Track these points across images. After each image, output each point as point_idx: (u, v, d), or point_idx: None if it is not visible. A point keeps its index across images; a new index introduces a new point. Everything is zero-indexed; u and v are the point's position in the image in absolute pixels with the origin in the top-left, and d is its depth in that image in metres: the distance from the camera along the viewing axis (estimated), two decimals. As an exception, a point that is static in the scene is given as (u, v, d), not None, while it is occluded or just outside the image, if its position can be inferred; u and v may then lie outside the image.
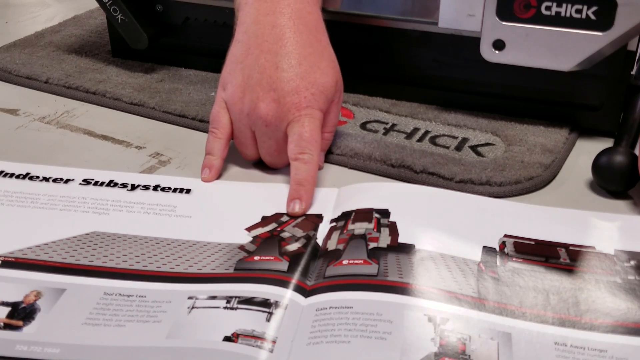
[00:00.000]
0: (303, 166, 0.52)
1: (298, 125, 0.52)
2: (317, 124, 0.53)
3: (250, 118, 0.53)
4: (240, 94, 0.53)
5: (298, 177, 0.52)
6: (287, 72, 0.52)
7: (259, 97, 0.52)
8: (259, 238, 0.47)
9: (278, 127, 0.53)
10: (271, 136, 0.53)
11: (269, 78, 0.52)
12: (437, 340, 0.38)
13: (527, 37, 0.57)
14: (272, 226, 0.49)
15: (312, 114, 0.52)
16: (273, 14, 0.54)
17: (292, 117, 0.52)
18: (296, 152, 0.52)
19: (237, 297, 0.41)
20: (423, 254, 0.45)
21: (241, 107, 0.53)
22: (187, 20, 0.71)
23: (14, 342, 0.38)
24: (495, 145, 0.59)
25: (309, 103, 0.52)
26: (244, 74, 0.53)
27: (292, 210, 0.51)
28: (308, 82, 0.52)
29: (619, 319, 0.40)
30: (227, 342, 0.38)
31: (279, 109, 0.52)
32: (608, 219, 0.50)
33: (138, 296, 0.42)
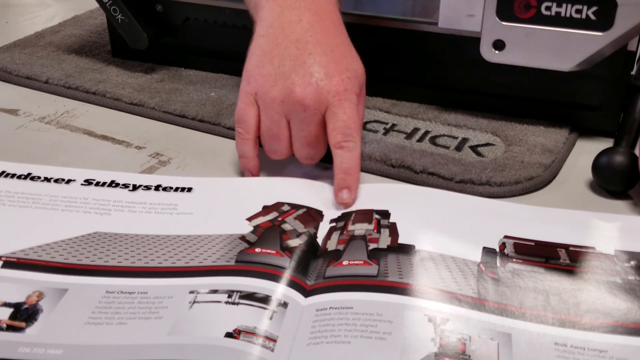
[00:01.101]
0: (348, 154, 0.51)
1: (340, 111, 0.51)
2: (355, 109, 0.52)
3: (286, 105, 0.52)
4: (272, 83, 0.52)
5: (344, 166, 0.51)
6: (321, 57, 0.52)
7: (295, 83, 0.51)
8: (260, 228, 0.47)
9: (317, 110, 0.51)
10: (310, 122, 0.52)
11: (303, 64, 0.51)
12: (437, 341, 0.38)
13: (527, 37, 0.57)
14: (273, 215, 0.49)
15: (351, 99, 0.52)
16: (298, 9, 0.53)
17: (332, 101, 0.51)
18: (340, 140, 0.51)
19: (238, 292, 0.41)
20: (423, 254, 0.45)
21: (274, 95, 0.52)
22: (187, 20, 0.72)
23: (17, 344, 0.38)
24: (495, 146, 0.59)
25: (347, 87, 0.51)
26: (274, 64, 0.52)
27: (341, 199, 0.51)
28: (342, 67, 0.52)
29: (619, 319, 0.40)
30: (228, 339, 0.38)
31: (317, 92, 0.51)
32: (608, 219, 0.50)
33: (140, 292, 0.42)
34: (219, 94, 0.68)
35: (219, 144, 0.61)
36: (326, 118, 0.51)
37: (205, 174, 0.56)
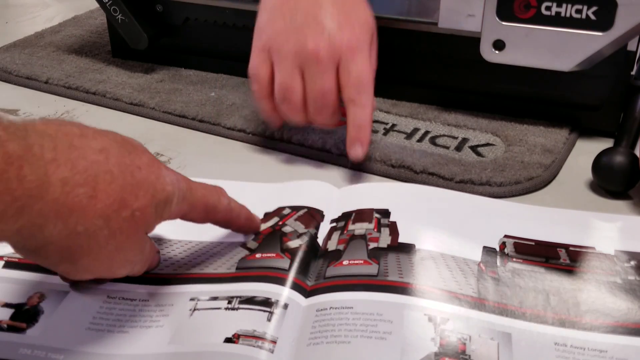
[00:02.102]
0: (360, 109, 0.51)
1: (353, 66, 0.51)
2: (368, 61, 0.52)
3: (299, 57, 0.52)
4: (285, 36, 0.52)
5: (357, 121, 0.52)
6: (332, 10, 0.52)
7: (307, 35, 0.51)
8: (261, 235, 0.47)
9: (330, 63, 0.51)
10: (323, 74, 0.52)
11: (315, 17, 0.52)
12: (438, 340, 0.38)
13: (527, 37, 0.57)
14: (274, 221, 0.49)
15: (363, 50, 0.52)
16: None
17: (345, 55, 0.51)
18: (353, 95, 0.51)
19: (238, 297, 0.41)
20: (423, 253, 0.45)
21: (288, 48, 0.52)
22: (187, 20, 0.72)
23: (18, 345, 0.38)
24: (495, 146, 0.59)
25: (359, 37, 0.52)
26: (285, 18, 0.52)
27: (355, 153, 0.52)
28: (353, 18, 0.52)
29: (619, 320, 0.40)
30: (227, 344, 0.38)
31: (330, 45, 0.51)
32: (608, 219, 0.50)
33: (141, 300, 0.42)
34: (219, 94, 0.68)
35: (219, 144, 0.61)
36: (339, 73, 0.52)
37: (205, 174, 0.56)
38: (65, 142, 0.35)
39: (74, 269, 0.37)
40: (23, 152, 0.32)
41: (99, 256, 0.36)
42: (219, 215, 0.44)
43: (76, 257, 0.36)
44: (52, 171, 0.33)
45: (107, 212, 0.35)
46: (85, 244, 0.35)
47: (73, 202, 0.34)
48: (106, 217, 0.35)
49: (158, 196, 0.38)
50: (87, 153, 0.35)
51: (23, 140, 0.32)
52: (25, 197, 0.32)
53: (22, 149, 0.32)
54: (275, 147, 0.60)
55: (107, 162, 0.36)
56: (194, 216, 0.43)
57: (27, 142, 0.32)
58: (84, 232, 0.35)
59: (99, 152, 0.36)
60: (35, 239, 0.34)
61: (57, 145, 0.34)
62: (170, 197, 0.39)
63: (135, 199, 0.36)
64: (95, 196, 0.35)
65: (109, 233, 0.36)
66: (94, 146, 0.36)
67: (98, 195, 0.35)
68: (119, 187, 0.36)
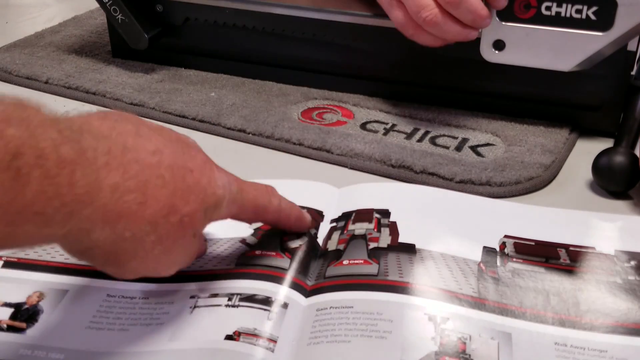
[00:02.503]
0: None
1: None
2: None
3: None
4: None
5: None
6: None
7: None
8: (260, 230, 0.47)
9: None
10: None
11: None
12: (438, 340, 0.38)
13: (527, 37, 0.57)
14: None
15: None
16: None
17: None
18: None
19: (238, 295, 0.41)
20: (423, 253, 0.45)
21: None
22: (187, 20, 0.72)
23: (17, 345, 0.38)
24: (495, 146, 0.59)
25: None
26: None
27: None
28: None
29: (619, 320, 0.40)
30: (228, 341, 0.38)
31: None
32: (608, 219, 0.50)
33: (141, 298, 0.42)
34: (219, 94, 0.68)
35: (219, 144, 0.61)
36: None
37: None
38: (120, 143, 0.34)
39: (120, 272, 0.37)
40: (76, 156, 0.31)
41: (145, 260, 0.36)
42: (268, 216, 0.44)
43: (122, 261, 0.36)
44: (104, 176, 0.32)
45: (155, 218, 0.35)
46: (132, 249, 0.35)
47: (122, 208, 0.33)
48: (154, 223, 0.35)
49: (208, 200, 0.38)
50: (141, 155, 0.35)
51: (77, 144, 0.32)
52: (75, 203, 0.31)
53: (75, 152, 0.31)
54: (275, 147, 0.60)
55: (159, 166, 0.35)
56: (243, 217, 0.43)
57: (81, 145, 0.32)
58: (131, 237, 0.34)
59: (152, 154, 0.35)
60: (82, 243, 0.34)
61: (110, 147, 0.33)
62: (220, 200, 0.39)
63: (185, 204, 0.36)
64: (144, 202, 0.34)
65: (156, 238, 0.35)
66: (148, 147, 0.36)
67: (148, 201, 0.34)
68: (170, 192, 0.35)
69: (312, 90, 0.69)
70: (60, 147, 0.30)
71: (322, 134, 0.60)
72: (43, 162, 0.30)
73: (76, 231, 0.32)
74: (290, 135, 0.60)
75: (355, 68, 0.68)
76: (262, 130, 0.61)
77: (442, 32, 0.56)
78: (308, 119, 0.64)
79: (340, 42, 0.66)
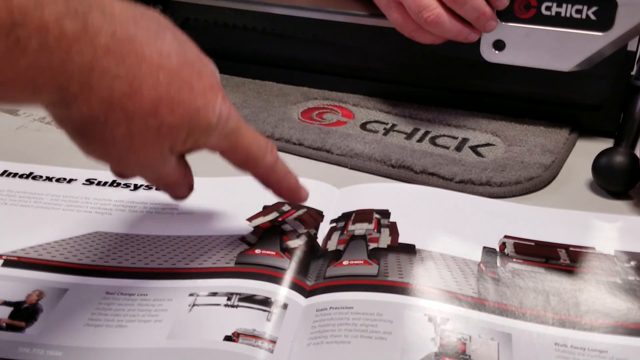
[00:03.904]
0: None
1: None
2: None
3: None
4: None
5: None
6: None
7: None
8: (259, 228, 0.47)
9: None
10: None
11: None
12: (438, 340, 0.38)
13: (527, 37, 0.57)
14: (273, 215, 0.49)
15: None
16: None
17: None
18: None
19: (237, 294, 0.41)
20: (423, 254, 0.45)
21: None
22: (187, 20, 0.71)
23: (17, 344, 0.38)
24: (495, 146, 0.59)
25: None
26: None
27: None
28: None
29: (619, 320, 0.40)
30: (227, 342, 0.38)
31: None
32: (608, 220, 0.50)
33: (139, 295, 0.42)
34: (219, 94, 0.68)
35: (219, 143, 0.61)
36: None
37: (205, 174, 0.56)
38: (129, 32, 0.34)
39: (85, 148, 0.37)
40: (78, 31, 0.31)
41: (109, 147, 0.36)
42: (257, 170, 0.44)
43: (89, 138, 0.36)
44: (99, 57, 0.32)
45: (132, 114, 0.34)
46: (100, 132, 0.35)
47: (105, 94, 0.33)
48: (130, 118, 0.34)
49: (196, 121, 0.37)
50: (146, 51, 0.34)
51: (82, 19, 0.31)
52: (65, 78, 0.31)
53: (77, 28, 0.31)
54: (275, 147, 0.60)
55: (160, 68, 0.35)
56: (232, 158, 0.42)
57: (86, 21, 0.31)
58: (104, 121, 0.34)
59: (159, 55, 0.35)
60: (60, 112, 0.34)
61: (116, 31, 0.33)
62: (210, 127, 0.38)
63: (169, 114, 0.35)
64: (130, 95, 0.34)
65: (127, 132, 0.35)
66: (159, 48, 0.35)
67: (132, 95, 0.34)
68: (158, 95, 0.35)
69: (312, 90, 0.69)
70: (63, 20, 0.30)
71: (322, 134, 0.60)
72: (43, 34, 0.30)
73: (60, 101, 0.33)
74: (290, 135, 0.60)
75: (355, 68, 0.68)
76: (262, 130, 0.61)
77: (443, 31, 0.56)
78: (308, 119, 0.64)
79: (340, 42, 0.66)
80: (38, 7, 0.30)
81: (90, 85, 0.32)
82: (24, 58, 0.30)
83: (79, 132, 0.36)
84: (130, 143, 0.36)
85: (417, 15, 0.55)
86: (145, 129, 0.35)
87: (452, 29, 0.56)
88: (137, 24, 0.35)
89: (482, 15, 0.55)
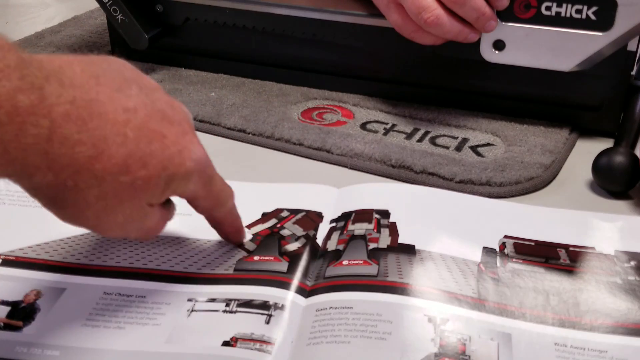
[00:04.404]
0: None
1: None
2: None
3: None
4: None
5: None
6: None
7: None
8: (259, 236, 0.47)
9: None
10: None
11: None
12: (437, 341, 0.38)
13: (527, 37, 0.57)
14: (272, 222, 0.49)
15: None
16: None
17: None
18: None
19: (236, 300, 0.41)
20: (423, 254, 0.45)
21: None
22: (187, 20, 0.71)
23: (14, 344, 0.38)
24: (495, 146, 0.59)
25: None
26: None
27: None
28: None
29: (619, 320, 0.40)
30: (225, 347, 0.38)
31: None
32: (608, 220, 0.50)
33: (137, 296, 0.42)
34: (219, 94, 0.68)
35: (219, 144, 0.61)
36: None
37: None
38: (90, 94, 0.33)
39: (61, 216, 0.36)
40: (32, 105, 0.30)
41: (84, 211, 0.35)
42: (221, 214, 0.44)
43: (62, 206, 0.35)
44: (57, 126, 0.31)
45: (103, 174, 0.33)
46: (72, 197, 0.34)
47: (69, 160, 0.32)
48: (101, 178, 0.33)
49: (173, 169, 0.36)
50: (109, 110, 0.34)
51: (38, 91, 0.30)
52: (19, 151, 0.30)
53: (31, 102, 0.30)
54: (275, 147, 0.60)
55: (126, 124, 0.34)
56: (202, 204, 0.42)
57: (42, 92, 0.31)
58: (73, 187, 0.33)
59: (124, 111, 0.34)
60: (24, 184, 0.33)
61: (75, 97, 0.32)
62: (189, 173, 0.37)
63: (141, 167, 0.35)
64: (95, 157, 0.33)
65: (100, 194, 0.34)
66: (123, 104, 0.34)
67: (99, 156, 0.33)
68: (127, 152, 0.34)
69: (312, 90, 0.69)
70: (16, 95, 0.30)
71: (322, 134, 0.60)
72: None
73: (19, 173, 0.32)
74: (290, 135, 0.60)
75: (355, 68, 0.68)
76: (262, 130, 0.61)
77: (443, 32, 0.56)
78: (308, 119, 0.64)
79: (340, 42, 0.66)
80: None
81: (49, 153, 0.31)
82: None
83: (50, 200, 0.35)
84: (105, 204, 0.35)
85: (416, 16, 0.55)
86: (119, 187, 0.34)
87: (452, 30, 0.56)
88: (99, 84, 0.34)
89: (482, 15, 0.55)
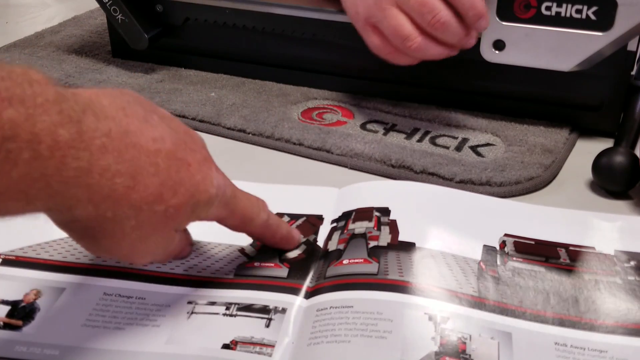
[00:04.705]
0: None
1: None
2: None
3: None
4: None
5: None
6: None
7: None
8: (259, 242, 0.47)
9: None
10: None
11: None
12: (438, 339, 0.38)
13: (527, 37, 0.57)
14: None
15: None
16: None
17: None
18: None
19: (236, 304, 0.41)
20: (423, 252, 0.45)
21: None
22: (187, 20, 0.72)
23: (14, 343, 0.38)
24: (495, 146, 0.59)
25: None
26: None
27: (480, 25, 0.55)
28: None
29: (619, 320, 0.40)
30: (225, 350, 0.38)
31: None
32: (608, 219, 0.50)
33: (137, 298, 0.42)
34: (219, 94, 0.68)
35: (219, 144, 0.61)
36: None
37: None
38: (123, 126, 0.34)
39: (94, 248, 0.37)
40: (72, 138, 0.31)
41: (120, 242, 0.36)
42: (254, 228, 0.44)
43: (98, 238, 0.36)
44: (97, 158, 0.32)
45: (140, 204, 0.34)
46: (110, 229, 0.35)
47: (109, 190, 0.33)
48: (138, 208, 0.35)
49: (198, 196, 0.37)
50: (141, 141, 0.35)
51: (76, 125, 0.31)
52: (61, 184, 0.31)
53: (71, 135, 0.31)
54: (275, 147, 0.60)
55: (157, 154, 0.35)
56: (230, 223, 0.43)
57: (80, 126, 0.31)
58: (112, 218, 0.34)
59: (153, 141, 0.35)
60: (63, 216, 0.34)
61: (111, 129, 0.33)
62: (211, 199, 0.38)
63: (172, 196, 0.36)
64: (133, 187, 0.34)
65: (137, 224, 0.35)
66: (151, 134, 0.35)
67: (136, 187, 0.34)
68: (160, 181, 0.35)
69: (312, 90, 0.69)
70: (57, 129, 0.30)
71: (322, 134, 0.60)
72: (35, 146, 0.29)
73: (59, 206, 0.33)
74: (290, 135, 0.60)
75: (356, 68, 0.68)
76: (262, 130, 0.61)
77: (425, 56, 0.56)
78: (308, 119, 0.64)
79: (340, 42, 0.66)
80: (29, 119, 0.29)
81: (90, 185, 0.32)
82: (15, 170, 0.29)
83: (86, 233, 0.36)
84: (141, 232, 0.36)
85: (400, 45, 0.55)
86: (154, 216, 0.36)
87: (434, 53, 0.56)
88: (127, 115, 0.35)
89: (462, 39, 0.55)
